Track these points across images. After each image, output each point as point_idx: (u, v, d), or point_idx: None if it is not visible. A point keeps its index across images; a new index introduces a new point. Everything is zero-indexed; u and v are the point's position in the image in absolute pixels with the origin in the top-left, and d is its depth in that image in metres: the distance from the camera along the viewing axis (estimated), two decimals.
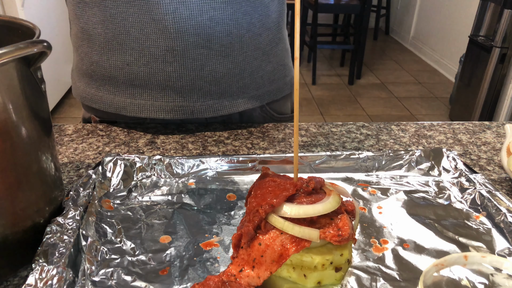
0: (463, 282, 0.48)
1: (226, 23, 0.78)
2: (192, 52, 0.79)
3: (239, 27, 0.80)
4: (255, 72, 0.87)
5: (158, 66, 0.79)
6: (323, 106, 3.79)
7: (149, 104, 0.84)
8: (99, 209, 0.61)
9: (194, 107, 0.84)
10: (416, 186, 0.70)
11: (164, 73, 0.80)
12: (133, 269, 0.52)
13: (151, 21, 0.75)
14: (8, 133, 0.47)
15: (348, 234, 0.49)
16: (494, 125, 0.95)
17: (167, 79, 0.81)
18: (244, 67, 0.85)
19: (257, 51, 0.86)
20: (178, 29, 0.76)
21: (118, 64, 0.81)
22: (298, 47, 0.49)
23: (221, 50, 0.80)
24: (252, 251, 0.49)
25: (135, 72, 0.81)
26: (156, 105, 0.83)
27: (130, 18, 0.76)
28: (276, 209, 0.50)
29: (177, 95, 0.83)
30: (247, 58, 0.84)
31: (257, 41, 0.85)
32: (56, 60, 3.29)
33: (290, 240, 0.48)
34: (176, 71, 0.80)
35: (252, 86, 0.88)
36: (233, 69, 0.83)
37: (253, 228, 0.49)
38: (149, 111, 0.84)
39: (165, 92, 0.82)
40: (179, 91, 0.82)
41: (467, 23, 3.83)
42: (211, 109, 0.85)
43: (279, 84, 0.93)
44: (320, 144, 0.84)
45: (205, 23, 0.77)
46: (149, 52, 0.78)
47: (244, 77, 0.86)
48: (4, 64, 0.45)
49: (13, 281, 0.52)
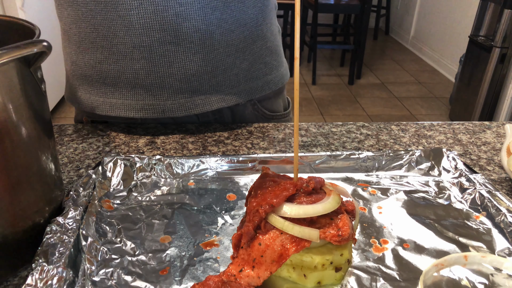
0: (463, 282, 0.48)
1: (193, 19, 0.77)
2: (158, 48, 0.78)
3: (208, 23, 0.78)
4: (228, 69, 0.84)
5: (126, 64, 0.79)
6: (323, 106, 3.79)
7: (119, 102, 0.83)
8: (99, 209, 0.61)
9: (165, 106, 0.83)
10: (416, 186, 0.70)
11: (132, 70, 0.80)
12: (133, 269, 0.52)
13: (117, 17, 0.76)
14: (8, 133, 0.47)
15: (348, 234, 0.49)
16: (494, 125, 0.95)
17: (135, 76, 0.80)
18: (216, 65, 0.83)
19: (229, 48, 0.83)
20: (143, 24, 0.76)
21: (91, 62, 0.81)
22: (298, 47, 0.49)
23: (190, 46, 0.79)
24: (252, 251, 0.49)
25: (106, 70, 0.81)
26: (126, 104, 0.83)
27: (99, 16, 0.76)
28: (276, 209, 0.50)
29: (146, 93, 0.82)
30: (218, 55, 0.82)
31: (229, 38, 0.82)
32: (56, 60, 3.29)
33: (290, 240, 0.48)
34: (143, 68, 0.79)
35: (226, 84, 0.86)
36: (204, 67, 0.82)
37: (253, 228, 0.49)
38: (120, 110, 0.84)
39: (135, 90, 0.82)
40: (148, 89, 0.82)
41: (467, 23, 3.84)
42: (183, 108, 0.84)
43: (258, 83, 0.90)
44: (320, 144, 0.84)
45: (171, 19, 0.76)
46: (117, 49, 0.78)
47: (217, 75, 0.84)
48: (4, 64, 0.45)
49: (13, 281, 0.52)
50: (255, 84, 0.90)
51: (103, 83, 0.83)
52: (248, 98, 0.90)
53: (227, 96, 0.86)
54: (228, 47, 0.83)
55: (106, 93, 0.83)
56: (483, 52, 3.02)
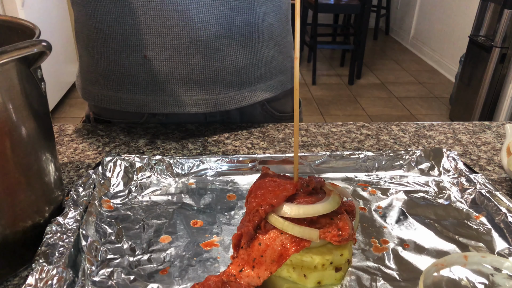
0: (463, 282, 0.48)
1: (245, 12, 0.79)
2: (214, 42, 0.79)
3: (256, 16, 0.81)
4: (269, 62, 0.88)
5: (181, 60, 0.79)
6: (323, 106, 3.79)
7: (171, 99, 0.83)
8: (99, 209, 0.61)
9: (217, 100, 0.84)
10: (416, 186, 0.70)
11: (187, 66, 0.80)
12: (133, 269, 0.52)
13: (174, 12, 0.74)
14: (8, 133, 0.47)
15: (348, 234, 0.49)
16: (494, 125, 0.95)
17: (190, 72, 0.80)
18: (260, 57, 0.86)
19: (270, 41, 0.87)
20: (201, 18, 0.76)
21: (138, 60, 0.80)
22: (298, 47, 0.49)
23: (240, 40, 0.81)
24: (252, 251, 0.49)
25: (156, 67, 0.80)
26: (179, 100, 0.83)
27: (152, 11, 0.75)
28: (276, 209, 0.50)
29: (200, 88, 0.82)
30: (262, 48, 0.85)
31: (270, 31, 0.86)
32: (56, 60, 3.29)
33: (290, 240, 0.48)
34: (199, 63, 0.80)
35: (267, 75, 0.89)
36: (251, 59, 0.84)
37: (253, 228, 0.49)
38: (173, 107, 0.83)
39: (188, 86, 0.82)
40: (202, 84, 0.82)
41: (467, 23, 3.83)
42: (233, 101, 0.86)
43: (288, 75, 0.94)
44: (320, 144, 0.84)
45: (226, 12, 0.77)
46: (171, 45, 0.78)
47: (260, 67, 0.87)
48: (4, 64, 0.45)
49: (13, 281, 0.52)
50: (285, 77, 0.94)
51: (152, 81, 0.82)
52: (282, 90, 0.93)
53: (268, 87, 0.90)
54: (270, 40, 0.86)
55: (155, 90, 0.82)
56: (483, 52, 3.02)
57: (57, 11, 3.35)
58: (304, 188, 0.52)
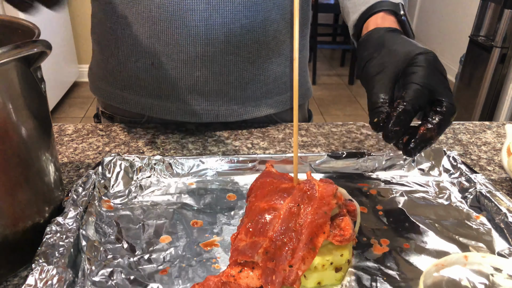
0: (463, 282, 0.48)
1: (255, 31, 0.79)
2: (221, 58, 0.79)
3: (267, 34, 0.81)
4: (279, 78, 0.87)
5: (186, 71, 0.80)
6: (323, 106, 3.79)
7: (175, 106, 0.84)
8: (99, 209, 0.61)
9: (219, 111, 0.85)
10: (416, 186, 0.70)
11: (192, 77, 0.81)
12: (133, 269, 0.52)
13: (183, 27, 0.75)
14: (8, 133, 0.47)
15: (349, 235, 0.49)
16: (494, 125, 0.95)
17: (194, 83, 0.81)
18: (269, 74, 0.86)
19: (281, 57, 0.86)
20: (209, 35, 0.76)
21: (146, 66, 0.81)
22: (297, 48, 0.49)
23: (248, 57, 0.81)
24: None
25: (162, 75, 0.81)
26: (183, 108, 0.84)
27: (162, 23, 0.76)
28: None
29: (203, 99, 0.83)
30: (271, 65, 0.85)
31: (281, 48, 0.85)
32: (56, 60, 3.29)
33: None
34: (203, 75, 0.80)
35: (275, 91, 0.88)
36: (258, 75, 0.84)
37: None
38: (176, 114, 0.85)
39: (192, 96, 0.83)
40: (206, 95, 0.83)
41: (467, 23, 3.83)
42: (235, 114, 0.86)
43: (301, 90, 0.93)
44: (320, 144, 0.84)
45: (236, 31, 0.77)
46: (178, 57, 0.78)
47: (268, 83, 0.87)
48: (4, 64, 0.45)
49: (13, 281, 0.52)
50: (299, 92, 0.92)
51: (158, 87, 0.83)
52: (291, 105, 0.91)
53: (275, 103, 0.90)
54: (280, 57, 0.86)
55: (161, 96, 0.84)
56: (483, 52, 3.01)
57: None
58: None
